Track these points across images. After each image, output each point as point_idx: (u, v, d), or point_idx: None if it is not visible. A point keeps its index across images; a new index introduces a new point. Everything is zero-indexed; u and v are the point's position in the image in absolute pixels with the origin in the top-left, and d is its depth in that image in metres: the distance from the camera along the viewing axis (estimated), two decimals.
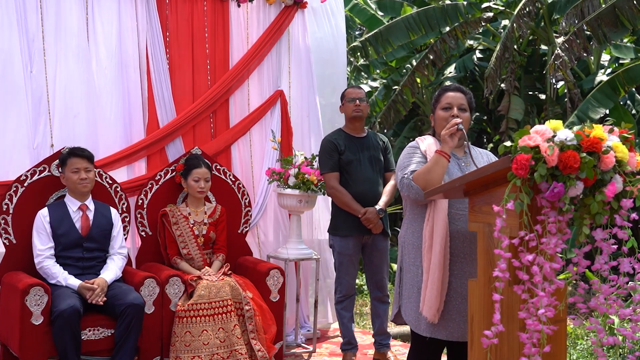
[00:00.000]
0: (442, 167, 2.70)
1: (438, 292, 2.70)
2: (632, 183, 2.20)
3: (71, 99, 4.13)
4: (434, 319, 2.72)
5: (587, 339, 4.72)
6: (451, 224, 2.73)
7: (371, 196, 4.20)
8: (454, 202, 2.75)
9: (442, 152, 2.71)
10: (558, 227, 2.16)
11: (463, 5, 8.22)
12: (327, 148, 4.27)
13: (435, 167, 2.70)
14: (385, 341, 4.38)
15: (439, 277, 2.69)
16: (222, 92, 4.66)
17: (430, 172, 2.69)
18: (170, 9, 4.53)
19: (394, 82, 9.10)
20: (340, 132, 4.35)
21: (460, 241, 2.74)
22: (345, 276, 4.27)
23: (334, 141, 4.26)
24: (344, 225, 4.23)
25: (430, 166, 2.71)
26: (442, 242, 2.69)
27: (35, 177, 3.87)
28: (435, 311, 2.71)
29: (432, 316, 2.72)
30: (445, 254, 2.70)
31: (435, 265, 2.70)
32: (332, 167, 4.23)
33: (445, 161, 2.70)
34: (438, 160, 2.71)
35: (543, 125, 2.24)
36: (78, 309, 3.48)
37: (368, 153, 4.27)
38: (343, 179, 4.24)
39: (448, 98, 2.87)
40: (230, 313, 3.87)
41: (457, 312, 2.74)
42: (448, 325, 2.75)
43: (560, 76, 6.97)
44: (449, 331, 2.75)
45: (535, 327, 2.12)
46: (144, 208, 4.23)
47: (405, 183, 2.77)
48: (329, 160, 4.23)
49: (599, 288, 2.18)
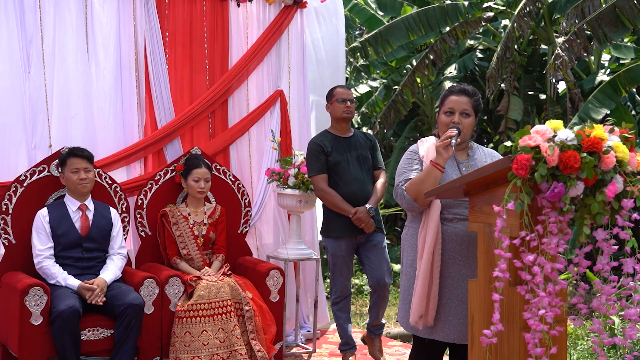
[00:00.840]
0: (435, 178, 2.67)
1: (421, 300, 2.69)
2: (632, 183, 2.20)
3: (69, 100, 4.12)
4: (417, 324, 2.72)
5: (587, 339, 4.71)
6: (448, 227, 2.72)
7: (361, 196, 4.17)
8: (449, 205, 2.73)
9: (435, 163, 2.68)
10: (559, 227, 2.16)
11: (463, 5, 8.21)
12: (313, 151, 4.23)
13: (428, 179, 2.68)
14: (378, 331, 4.35)
15: (423, 284, 2.69)
16: (221, 92, 4.64)
17: (422, 183, 2.68)
18: (170, 9, 4.52)
19: (394, 82, 9.08)
20: (327, 134, 4.32)
21: (457, 244, 2.73)
22: (340, 277, 4.25)
23: (320, 143, 4.23)
24: (335, 226, 4.21)
25: (423, 177, 2.70)
26: (430, 249, 2.68)
27: (35, 177, 3.86)
28: (418, 318, 2.71)
29: (415, 322, 2.73)
30: (434, 261, 2.69)
31: (422, 272, 2.70)
32: (319, 170, 4.20)
33: (438, 173, 2.67)
34: (431, 172, 2.68)
35: (543, 125, 2.23)
36: (77, 309, 3.48)
37: (355, 153, 4.25)
38: (332, 181, 4.21)
39: (451, 102, 2.82)
40: (230, 313, 3.87)
41: (454, 314, 2.73)
42: (445, 327, 2.74)
43: (561, 76, 6.95)
44: (445, 333, 2.74)
45: (538, 328, 2.11)
46: (144, 208, 4.22)
47: (399, 192, 2.78)
48: (316, 163, 4.20)
49: (601, 289, 2.17)
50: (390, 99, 8.53)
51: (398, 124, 9.30)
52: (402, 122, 9.32)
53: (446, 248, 2.72)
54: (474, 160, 2.86)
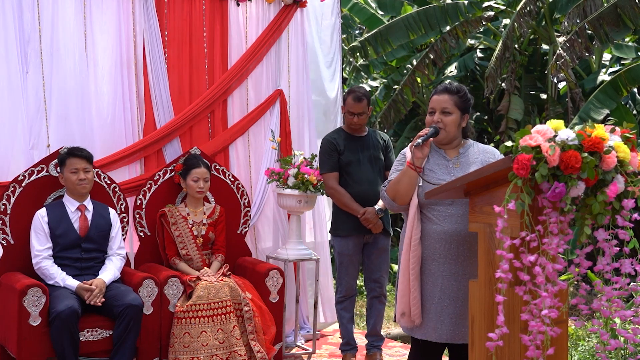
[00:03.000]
0: (410, 178, 2.74)
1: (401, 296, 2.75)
2: (633, 183, 2.19)
3: (68, 99, 4.10)
4: (399, 322, 2.79)
5: (588, 340, 4.69)
6: (437, 226, 2.73)
7: (371, 196, 4.17)
8: (432, 203, 2.74)
9: (410, 163, 2.74)
10: (560, 227, 2.15)
11: (464, 4, 8.20)
12: (326, 148, 4.25)
13: (404, 179, 2.76)
14: (377, 343, 4.36)
15: (402, 282, 2.75)
16: (220, 92, 4.63)
17: (398, 183, 2.78)
18: (169, 9, 4.50)
19: (394, 81, 9.07)
20: (341, 132, 4.33)
21: (446, 242, 2.72)
22: (345, 276, 4.25)
23: (333, 141, 4.24)
24: (344, 225, 4.22)
25: (400, 177, 2.78)
26: (407, 247, 2.74)
27: (33, 177, 3.85)
28: (400, 316, 2.78)
29: (398, 319, 2.80)
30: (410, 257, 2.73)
31: (400, 268, 2.76)
32: (331, 168, 4.21)
33: (412, 173, 2.73)
34: (406, 172, 2.76)
35: (544, 124, 2.22)
36: (76, 309, 3.47)
37: (368, 153, 4.25)
38: (343, 179, 4.22)
39: (433, 102, 2.87)
40: (229, 314, 3.85)
41: (447, 313, 2.72)
42: (438, 327, 2.73)
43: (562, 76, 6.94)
44: (438, 333, 2.74)
45: (539, 329, 2.10)
46: (143, 208, 4.21)
47: (382, 194, 2.89)
48: (329, 161, 4.21)
49: (602, 289, 2.16)
50: (390, 99, 8.51)
51: (398, 124, 9.29)
52: (402, 121, 9.31)
53: (433, 247, 2.73)
54: (464, 157, 2.85)
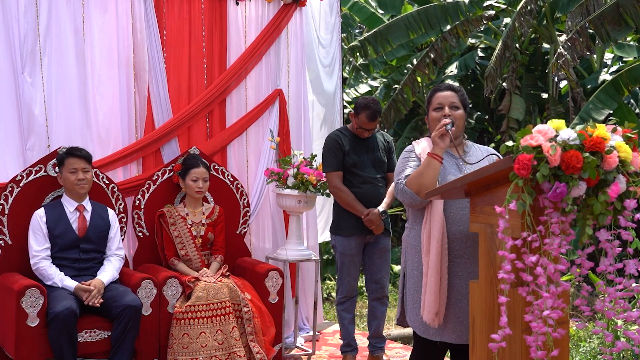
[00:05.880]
0: (434, 169, 2.67)
1: (436, 296, 2.66)
2: (635, 183, 2.18)
3: (66, 99, 4.08)
4: (433, 322, 2.69)
5: (590, 341, 4.67)
6: (452, 226, 2.69)
7: (374, 197, 4.18)
8: (452, 203, 2.71)
9: (433, 154, 2.68)
10: (561, 228, 2.13)
11: (464, 3, 8.18)
12: (331, 146, 4.24)
13: (427, 170, 2.67)
14: (380, 344, 4.35)
15: (436, 280, 2.66)
16: (219, 91, 4.61)
17: (422, 176, 2.67)
18: (168, 8, 4.48)
19: (395, 81, 9.05)
20: (346, 131, 4.31)
21: (462, 242, 2.70)
22: (347, 277, 4.24)
23: (338, 140, 4.23)
24: (346, 225, 4.21)
25: (422, 169, 2.69)
26: (439, 244, 2.65)
27: (31, 177, 3.83)
28: (434, 315, 2.67)
29: (431, 320, 2.68)
30: (442, 256, 2.66)
31: (432, 268, 2.66)
32: (335, 167, 4.20)
33: (437, 163, 2.67)
34: (430, 162, 2.68)
35: (545, 124, 2.21)
36: (74, 310, 3.45)
37: (372, 154, 4.25)
38: (346, 180, 4.22)
39: (439, 98, 2.85)
40: (228, 315, 3.84)
41: (463, 314, 2.69)
42: (456, 328, 2.70)
43: (563, 75, 6.92)
44: (457, 334, 2.71)
45: (541, 330, 2.08)
46: (141, 208, 4.19)
47: (400, 188, 2.76)
48: (333, 160, 4.20)
49: (605, 290, 2.14)
50: (390, 98, 8.49)
51: (398, 124, 9.27)
52: (403, 121, 9.29)
53: (450, 247, 2.69)
54: (470, 156, 2.85)
